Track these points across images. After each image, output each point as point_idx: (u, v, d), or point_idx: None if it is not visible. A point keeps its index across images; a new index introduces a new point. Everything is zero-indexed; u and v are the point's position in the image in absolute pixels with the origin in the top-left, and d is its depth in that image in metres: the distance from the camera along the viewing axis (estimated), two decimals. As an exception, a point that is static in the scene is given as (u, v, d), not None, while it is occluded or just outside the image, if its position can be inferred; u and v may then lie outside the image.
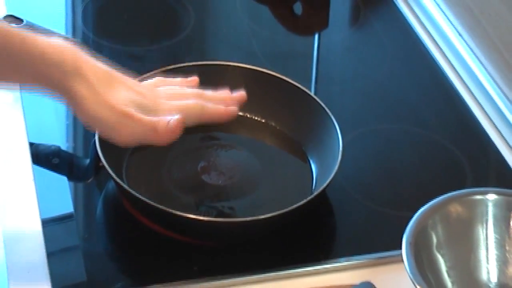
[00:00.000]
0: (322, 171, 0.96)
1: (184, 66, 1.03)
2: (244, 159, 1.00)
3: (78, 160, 1.02)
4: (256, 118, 1.03)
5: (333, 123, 0.96)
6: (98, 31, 1.18)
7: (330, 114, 0.97)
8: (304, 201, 0.90)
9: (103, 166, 0.91)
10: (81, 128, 1.05)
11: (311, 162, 0.99)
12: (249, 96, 1.02)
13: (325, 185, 0.91)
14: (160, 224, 0.90)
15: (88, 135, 0.98)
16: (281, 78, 1.02)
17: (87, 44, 1.16)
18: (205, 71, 1.03)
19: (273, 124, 1.03)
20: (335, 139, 0.95)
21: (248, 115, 1.03)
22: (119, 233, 0.94)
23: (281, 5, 1.26)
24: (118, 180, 0.90)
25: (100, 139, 0.92)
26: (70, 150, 1.02)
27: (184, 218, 0.87)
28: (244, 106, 1.02)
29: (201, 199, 0.95)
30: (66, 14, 1.21)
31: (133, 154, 0.97)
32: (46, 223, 0.92)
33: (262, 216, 0.88)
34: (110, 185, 0.95)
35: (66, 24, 1.20)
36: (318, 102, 0.99)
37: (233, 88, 1.02)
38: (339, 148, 0.94)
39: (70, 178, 0.98)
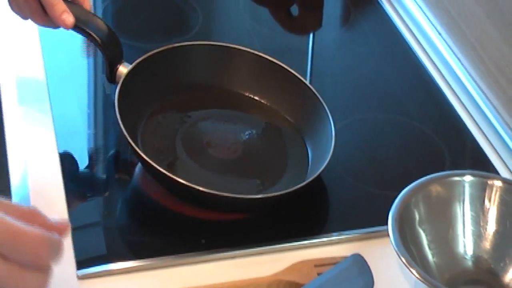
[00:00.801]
0: (316, 156, 0.96)
1: (194, 45, 1.02)
2: (248, 139, 0.99)
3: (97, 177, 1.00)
4: (262, 101, 1.02)
5: (327, 115, 0.96)
6: (116, 29, 1.17)
7: (325, 106, 0.97)
8: (303, 183, 0.90)
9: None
10: (101, 118, 1.05)
11: (307, 147, 0.98)
12: (255, 80, 1.02)
13: (320, 170, 0.91)
14: (174, 193, 0.90)
15: (107, 123, 0.98)
16: (285, 68, 1.01)
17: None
18: (214, 51, 1.02)
19: (276, 108, 1.02)
20: (328, 129, 0.95)
21: (253, 97, 1.03)
22: (135, 211, 0.94)
23: (279, 7, 1.26)
24: (139, 151, 0.88)
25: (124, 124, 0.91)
26: (92, 141, 1.02)
27: (191, 188, 0.86)
28: (251, 88, 1.02)
29: (207, 170, 0.94)
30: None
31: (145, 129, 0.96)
32: (70, 203, 0.91)
33: (270, 195, 0.88)
34: (127, 170, 0.94)
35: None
36: (316, 95, 0.99)
37: (238, 70, 1.02)
38: (332, 137, 0.93)
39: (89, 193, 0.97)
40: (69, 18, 0.94)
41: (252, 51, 1.02)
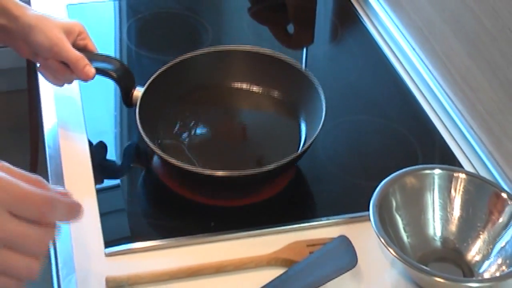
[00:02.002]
0: (310, 130, 0.95)
1: (205, 53, 1.01)
2: (251, 124, 0.99)
3: (112, 163, 0.99)
4: (259, 89, 1.02)
5: (319, 93, 0.94)
6: (138, 44, 1.18)
7: (316, 85, 0.96)
8: (297, 154, 0.89)
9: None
10: (125, 119, 1.04)
11: (301, 122, 0.97)
12: (252, 73, 1.01)
13: (310, 141, 0.89)
14: (188, 182, 0.89)
15: (131, 123, 0.98)
16: (281, 59, 1.00)
17: (130, 54, 1.16)
18: (212, 56, 1.01)
19: (274, 95, 1.01)
20: (320, 104, 0.93)
21: (250, 87, 1.02)
22: (154, 199, 0.93)
23: (277, 26, 1.26)
24: (158, 151, 0.88)
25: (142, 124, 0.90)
26: (118, 138, 1.01)
27: (204, 175, 0.87)
28: (249, 80, 1.01)
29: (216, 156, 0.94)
30: (115, 31, 1.21)
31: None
32: (99, 191, 0.91)
33: (267, 168, 0.87)
34: (148, 165, 0.94)
35: (115, 39, 1.19)
36: (309, 77, 0.97)
37: (235, 67, 1.01)
38: (322, 112, 0.92)
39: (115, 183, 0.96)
40: (90, 70, 0.94)
41: (247, 48, 1.01)
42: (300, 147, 0.92)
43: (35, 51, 0.93)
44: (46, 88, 1.05)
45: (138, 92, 0.95)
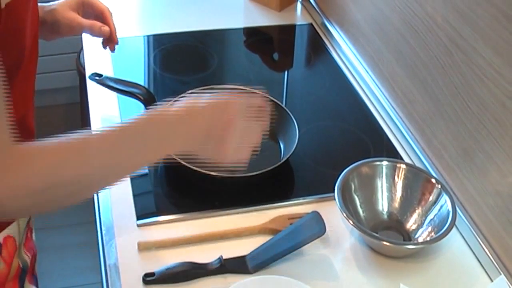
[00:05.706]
0: (286, 149, 0.94)
1: (211, 87, 0.99)
2: None
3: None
4: None
5: (294, 123, 0.94)
6: (162, 68, 1.17)
7: (293, 117, 0.95)
8: (277, 164, 0.88)
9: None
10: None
11: (280, 144, 0.96)
12: None
13: (288, 156, 0.89)
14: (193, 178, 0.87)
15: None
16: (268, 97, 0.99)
17: (156, 75, 1.15)
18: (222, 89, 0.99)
19: None
20: (294, 131, 0.93)
21: None
22: (172, 183, 0.92)
23: (266, 54, 1.25)
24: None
25: None
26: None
27: (212, 176, 0.85)
28: None
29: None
30: (144, 58, 1.20)
31: None
32: (132, 178, 0.90)
33: (255, 173, 0.86)
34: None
35: (144, 64, 1.18)
36: (287, 111, 0.97)
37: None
38: (296, 136, 0.91)
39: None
40: (105, 29, 0.90)
41: (242, 87, 0.98)
42: (280, 161, 0.90)
43: (69, 33, 0.88)
44: (93, 102, 1.04)
45: None
